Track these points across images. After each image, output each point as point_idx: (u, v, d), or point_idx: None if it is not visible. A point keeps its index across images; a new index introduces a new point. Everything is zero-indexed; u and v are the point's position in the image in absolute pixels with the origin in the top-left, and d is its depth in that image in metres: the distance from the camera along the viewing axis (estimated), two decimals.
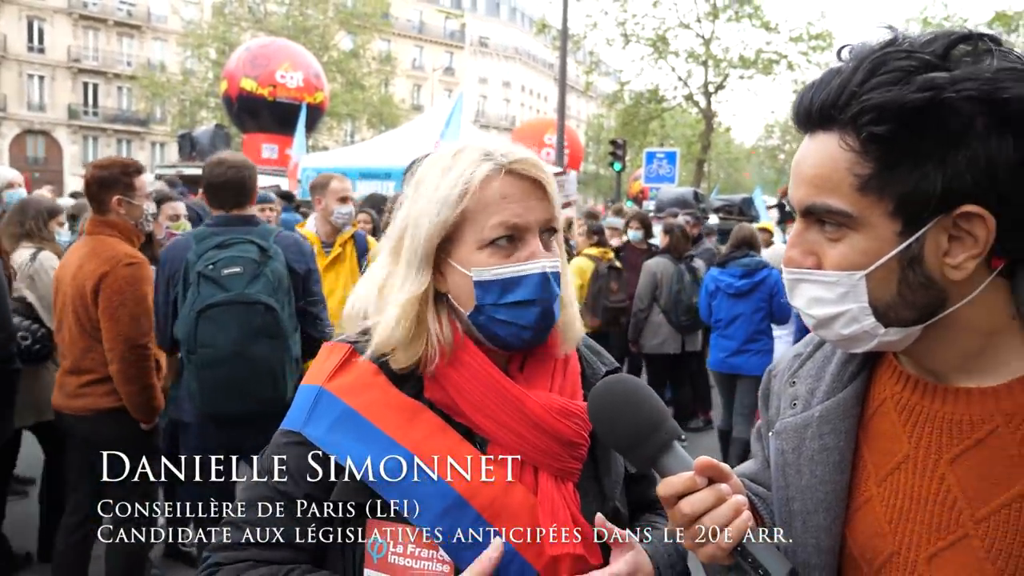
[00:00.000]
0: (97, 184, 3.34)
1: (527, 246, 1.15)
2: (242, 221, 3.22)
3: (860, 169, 0.87)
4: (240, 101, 20.80)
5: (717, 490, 0.94)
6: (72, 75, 42.18)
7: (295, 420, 1.17)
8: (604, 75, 35.23)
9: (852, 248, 0.90)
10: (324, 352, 1.24)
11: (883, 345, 0.94)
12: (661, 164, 18.21)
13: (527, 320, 1.15)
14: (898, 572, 0.95)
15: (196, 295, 2.92)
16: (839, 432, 1.02)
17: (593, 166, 47.48)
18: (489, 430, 1.15)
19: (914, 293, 0.89)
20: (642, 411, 1.02)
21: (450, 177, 1.13)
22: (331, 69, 31.25)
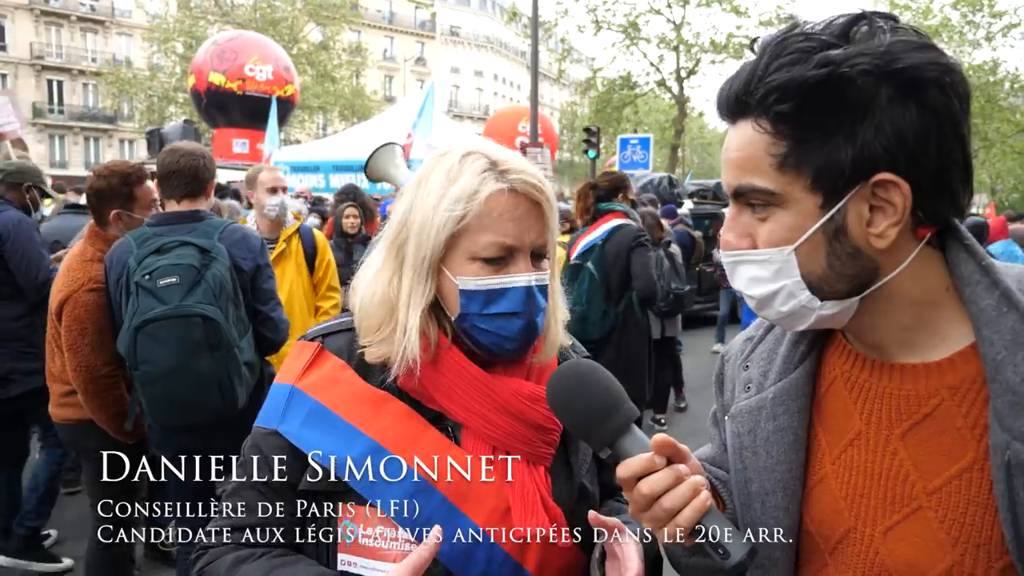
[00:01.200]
0: (96, 197, 3.16)
1: (515, 264, 1.17)
2: (185, 218, 3.01)
3: (775, 149, 0.91)
4: (209, 96, 20.51)
5: (675, 470, 0.95)
6: (35, 73, 41.32)
7: (270, 418, 1.21)
8: (576, 62, 35.21)
9: (779, 224, 0.93)
10: (295, 351, 1.27)
11: (823, 320, 0.96)
12: (635, 150, 18.24)
13: (510, 331, 1.17)
14: (855, 547, 0.98)
15: (135, 308, 2.75)
16: (792, 412, 1.04)
17: (568, 154, 47.47)
18: (461, 416, 1.18)
19: (843, 264, 0.92)
20: (597, 395, 1.03)
21: (455, 189, 1.13)
22: (301, 62, 30.93)
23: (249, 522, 1.18)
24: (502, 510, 1.14)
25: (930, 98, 0.86)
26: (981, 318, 0.90)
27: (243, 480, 1.20)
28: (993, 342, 0.88)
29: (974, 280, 0.92)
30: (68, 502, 5.00)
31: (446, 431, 1.18)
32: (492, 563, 1.14)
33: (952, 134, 0.88)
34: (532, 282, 1.17)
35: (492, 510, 1.15)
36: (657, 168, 23.29)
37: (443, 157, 1.19)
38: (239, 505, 1.19)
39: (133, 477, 3.50)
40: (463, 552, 1.13)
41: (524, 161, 1.19)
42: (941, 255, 0.95)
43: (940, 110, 0.87)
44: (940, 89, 0.87)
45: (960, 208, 0.93)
